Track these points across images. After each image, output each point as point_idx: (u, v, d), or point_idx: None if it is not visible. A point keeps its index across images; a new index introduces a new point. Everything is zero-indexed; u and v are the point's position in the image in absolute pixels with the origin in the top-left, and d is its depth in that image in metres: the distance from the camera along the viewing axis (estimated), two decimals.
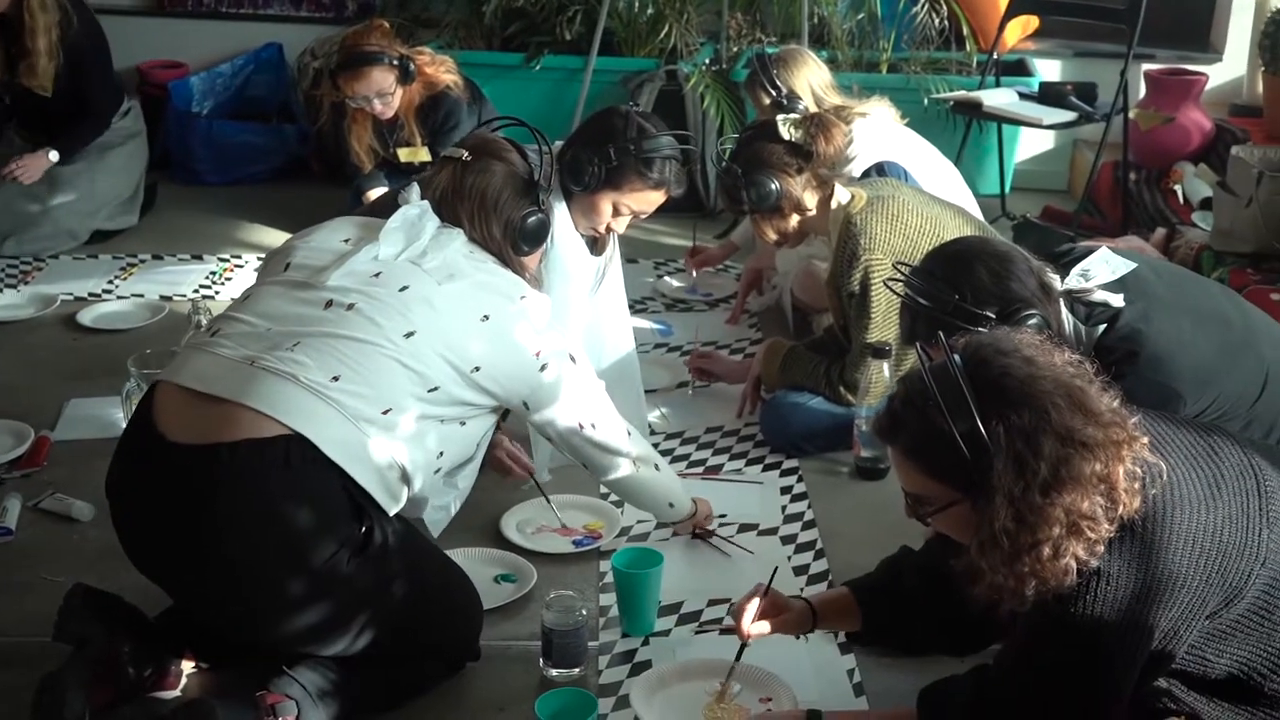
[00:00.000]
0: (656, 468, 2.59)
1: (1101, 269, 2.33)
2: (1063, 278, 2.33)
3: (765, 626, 2.18)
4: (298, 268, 2.27)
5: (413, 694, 2.28)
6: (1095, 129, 4.68)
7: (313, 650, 2.16)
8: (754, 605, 2.16)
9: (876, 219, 2.98)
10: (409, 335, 2.17)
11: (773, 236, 3.12)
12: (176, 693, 2.26)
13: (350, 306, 2.17)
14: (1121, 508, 1.69)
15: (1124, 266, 2.35)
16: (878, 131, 3.61)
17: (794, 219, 3.07)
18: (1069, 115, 4.48)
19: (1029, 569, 1.69)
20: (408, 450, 2.16)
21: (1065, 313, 2.30)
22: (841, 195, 3.05)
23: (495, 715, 2.28)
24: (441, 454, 2.26)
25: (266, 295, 2.25)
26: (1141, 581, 1.71)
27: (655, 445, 3.11)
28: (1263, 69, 4.74)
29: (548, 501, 2.84)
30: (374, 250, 2.25)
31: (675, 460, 3.12)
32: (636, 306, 4.01)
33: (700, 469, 3.11)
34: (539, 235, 2.44)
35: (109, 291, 4.14)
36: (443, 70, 4.25)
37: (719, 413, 3.37)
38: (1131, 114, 4.76)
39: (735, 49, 5.14)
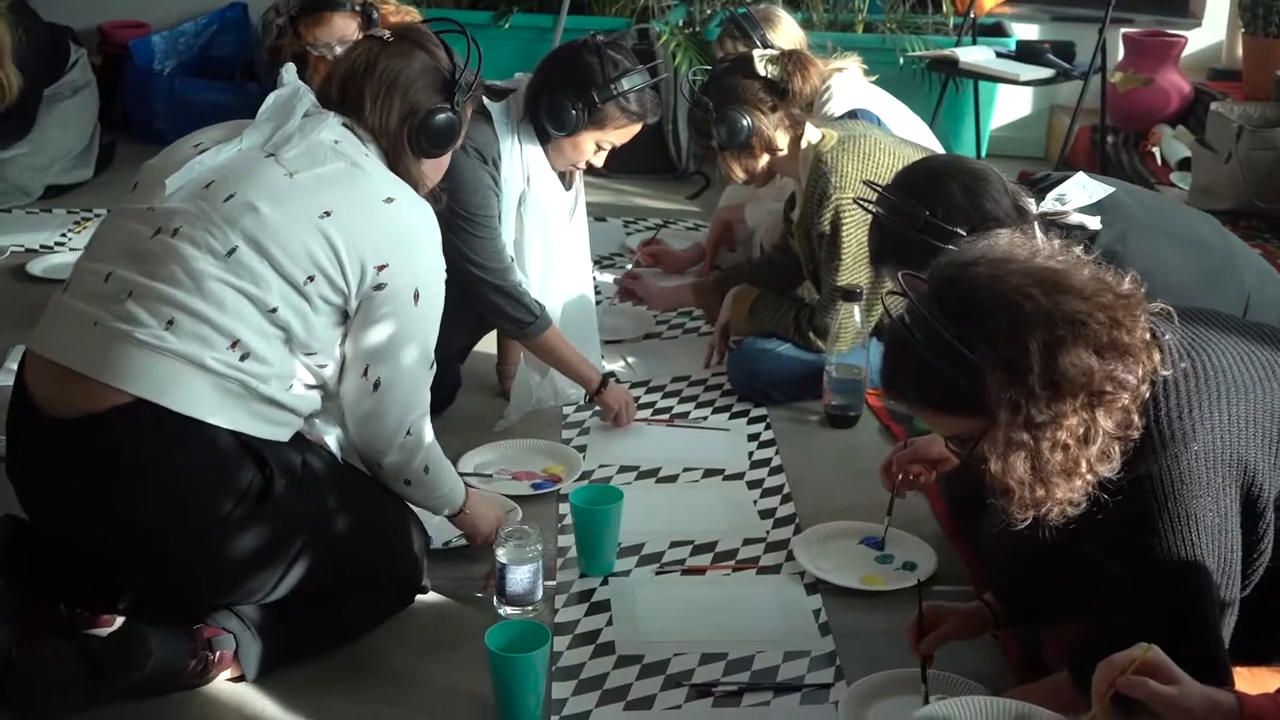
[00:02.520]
0: (407, 482, 2.20)
1: (1078, 193, 2.26)
2: (1038, 201, 2.25)
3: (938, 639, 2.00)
4: (142, 186, 2.08)
5: (360, 629, 2.19)
6: (1072, 93, 4.62)
7: (251, 599, 2.06)
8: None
9: (848, 157, 2.89)
10: (231, 252, 1.95)
11: (740, 175, 3.02)
12: (113, 629, 2.16)
13: (175, 231, 1.97)
14: (1143, 366, 1.61)
15: (1100, 190, 2.28)
16: (853, 86, 3.52)
17: (764, 158, 2.98)
18: (1047, 72, 4.40)
19: (1061, 468, 1.59)
20: (274, 381, 1.99)
21: (1040, 235, 2.22)
22: (812, 134, 2.96)
23: (449, 654, 2.18)
24: (320, 382, 2.09)
25: (108, 229, 2.08)
26: (1210, 469, 1.64)
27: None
28: (1243, 30, 4.69)
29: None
30: (229, 149, 2.03)
31: (641, 408, 3.03)
32: (604, 262, 3.94)
33: (666, 417, 3.02)
34: (443, 136, 2.19)
35: (61, 244, 4.04)
36: (407, 19, 4.14)
37: (686, 361, 3.28)
38: (1111, 78, 4.69)
39: (709, 10, 5.04)
